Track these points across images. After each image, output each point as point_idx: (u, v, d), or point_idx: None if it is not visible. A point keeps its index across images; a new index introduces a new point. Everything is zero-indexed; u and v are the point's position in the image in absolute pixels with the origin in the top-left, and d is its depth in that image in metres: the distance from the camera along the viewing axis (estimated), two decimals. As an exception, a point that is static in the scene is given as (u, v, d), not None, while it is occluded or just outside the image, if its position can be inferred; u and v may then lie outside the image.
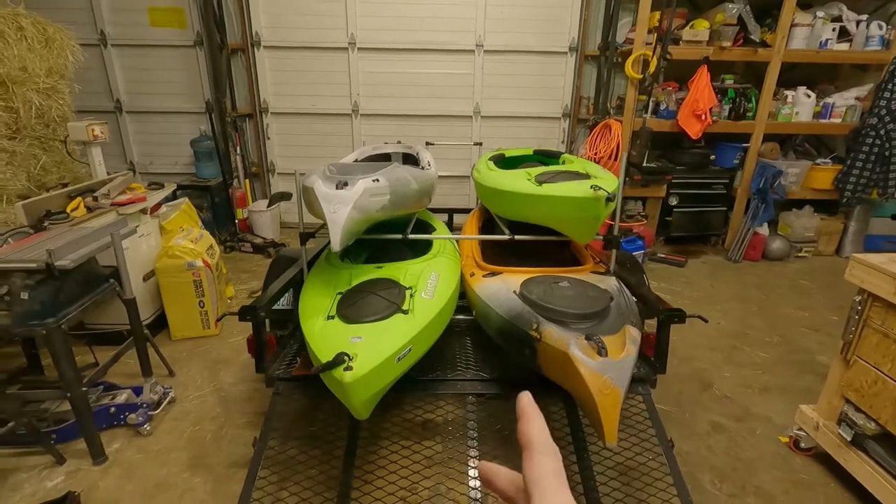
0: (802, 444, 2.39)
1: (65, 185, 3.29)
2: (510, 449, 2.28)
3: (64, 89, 3.60)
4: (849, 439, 2.10)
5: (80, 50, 3.71)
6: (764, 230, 4.97)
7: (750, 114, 4.86)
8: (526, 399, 0.42)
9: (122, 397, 2.54)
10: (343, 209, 1.83)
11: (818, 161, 5.01)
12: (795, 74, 4.95)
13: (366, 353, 1.50)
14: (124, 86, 5.34)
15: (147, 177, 5.43)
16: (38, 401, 2.49)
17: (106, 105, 5.32)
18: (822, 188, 4.97)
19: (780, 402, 2.77)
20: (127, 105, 5.39)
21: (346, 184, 1.91)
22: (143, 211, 3.28)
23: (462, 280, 2.40)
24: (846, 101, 4.85)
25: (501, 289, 2.03)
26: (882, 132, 4.56)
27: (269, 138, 5.57)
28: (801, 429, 2.39)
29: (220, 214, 5.13)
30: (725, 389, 2.87)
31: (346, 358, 1.45)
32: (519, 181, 2.41)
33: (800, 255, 5.07)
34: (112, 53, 5.19)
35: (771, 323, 3.68)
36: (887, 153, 4.59)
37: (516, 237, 2.46)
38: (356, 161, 3.42)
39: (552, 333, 1.62)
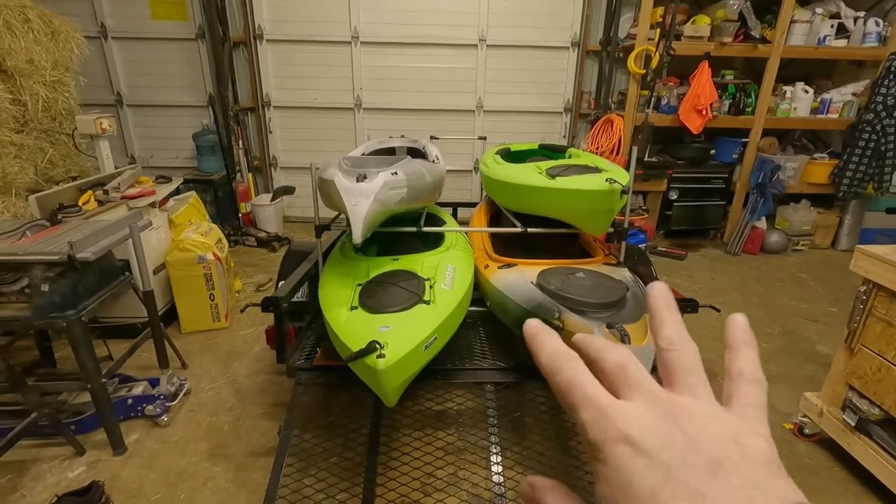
0: (807, 431, 2.46)
1: (73, 179, 3.28)
2: (528, 436, 2.34)
3: (70, 82, 3.58)
4: (853, 424, 2.17)
5: (86, 43, 3.69)
6: (762, 224, 5.05)
7: (749, 109, 4.93)
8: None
9: (138, 389, 2.56)
10: (364, 201, 1.86)
11: (815, 156, 5.10)
12: (794, 70, 5.03)
13: (396, 341, 1.54)
14: (125, 79, 5.31)
15: (148, 171, 5.40)
16: (54, 393, 2.51)
17: (107, 98, 5.28)
18: (819, 182, 5.06)
19: (783, 390, 2.84)
20: (128, 98, 5.36)
21: (365, 176, 1.94)
22: (153, 204, 3.29)
23: (475, 272, 2.44)
24: (843, 97, 4.93)
25: (519, 279, 2.08)
26: (878, 127, 4.65)
27: (271, 132, 5.56)
28: (805, 416, 2.46)
29: (223, 209, 5.12)
30: (730, 378, 2.94)
31: (377, 346, 1.48)
32: (530, 175, 2.45)
33: (797, 248, 5.16)
34: (113, 46, 5.16)
35: (771, 314, 3.76)
36: (883, 148, 4.68)
37: (529, 230, 2.50)
38: (363, 155, 3.44)
39: (575, 322, 1.67)
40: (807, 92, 4.90)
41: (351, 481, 1.89)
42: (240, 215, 5.25)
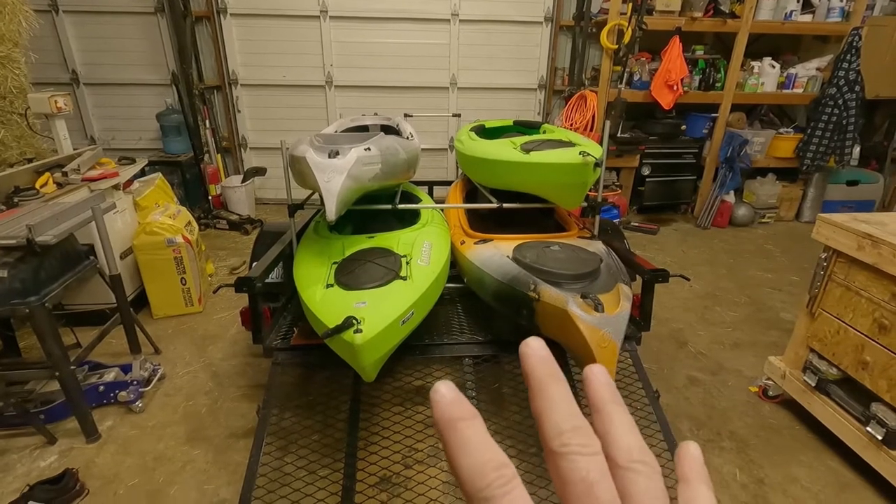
0: (770, 393, 2.58)
1: (29, 161, 3.13)
2: (506, 406, 2.39)
3: (19, 58, 3.38)
4: (813, 385, 2.29)
5: (35, 16, 3.48)
6: (730, 198, 5.18)
7: (719, 84, 5.00)
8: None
9: (110, 375, 2.50)
10: (337, 178, 1.83)
11: (781, 130, 5.23)
12: (761, 45, 5.11)
13: (372, 316, 1.54)
14: (80, 56, 5.03)
15: (110, 153, 5.19)
16: (21, 382, 2.43)
17: (61, 76, 5.01)
18: (784, 156, 5.20)
19: (749, 356, 2.96)
20: (84, 77, 5.09)
21: (338, 153, 1.90)
22: (116, 187, 3.16)
23: (452, 248, 2.45)
24: (808, 72, 5.05)
25: (495, 254, 2.09)
26: (840, 102, 4.78)
27: (239, 111, 5.38)
28: (769, 378, 2.57)
29: (192, 191, 4.97)
30: (700, 346, 3.05)
31: (354, 321, 1.48)
32: (505, 150, 2.45)
33: (763, 220, 5.32)
34: (65, 20, 4.87)
35: (739, 284, 3.90)
36: (844, 122, 4.83)
37: (504, 205, 2.51)
38: (336, 132, 3.37)
39: (550, 293, 1.69)
40: (774, 67, 5.00)
41: (332, 457, 1.91)
42: (209, 198, 5.10)
